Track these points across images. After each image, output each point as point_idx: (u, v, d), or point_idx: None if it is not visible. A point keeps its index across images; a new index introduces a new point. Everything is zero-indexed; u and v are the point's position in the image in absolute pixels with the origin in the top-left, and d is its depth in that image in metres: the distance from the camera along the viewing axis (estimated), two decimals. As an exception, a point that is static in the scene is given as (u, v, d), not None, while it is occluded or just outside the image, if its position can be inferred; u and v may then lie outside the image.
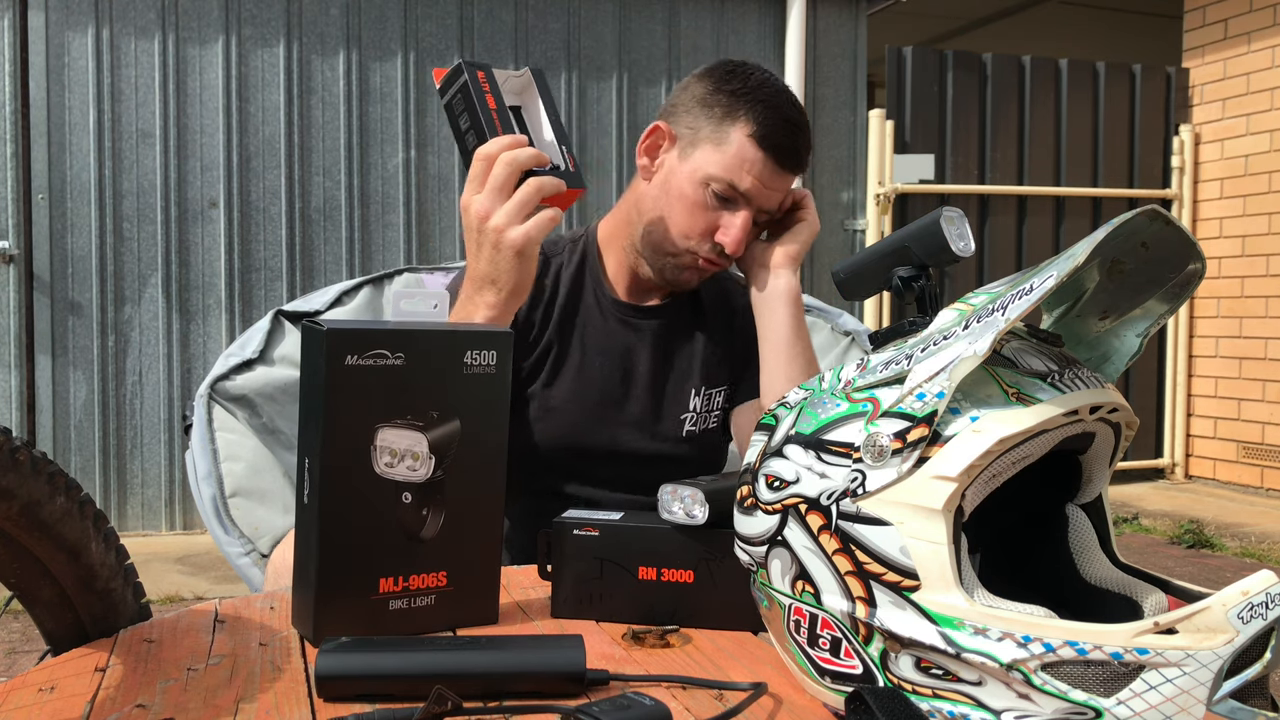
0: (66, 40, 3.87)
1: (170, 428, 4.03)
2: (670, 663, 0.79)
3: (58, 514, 0.78)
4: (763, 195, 1.22)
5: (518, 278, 1.05)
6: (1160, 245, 0.67)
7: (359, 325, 0.81)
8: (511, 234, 1.03)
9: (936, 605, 0.61)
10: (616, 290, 1.35)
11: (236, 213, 4.06)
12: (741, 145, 1.20)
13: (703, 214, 1.23)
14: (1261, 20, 4.96)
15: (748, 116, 1.20)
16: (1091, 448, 0.70)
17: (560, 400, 1.30)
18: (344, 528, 0.80)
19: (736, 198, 1.22)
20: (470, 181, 1.06)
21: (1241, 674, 0.57)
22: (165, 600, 3.20)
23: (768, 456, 0.72)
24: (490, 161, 1.04)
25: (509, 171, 1.04)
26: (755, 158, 1.20)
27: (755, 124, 1.20)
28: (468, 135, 1.09)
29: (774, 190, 1.23)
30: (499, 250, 1.04)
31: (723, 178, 1.21)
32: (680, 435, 1.33)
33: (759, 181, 1.21)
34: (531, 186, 1.04)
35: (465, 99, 1.09)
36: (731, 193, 1.21)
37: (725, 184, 1.21)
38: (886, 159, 4.78)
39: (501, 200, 1.04)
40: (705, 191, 1.22)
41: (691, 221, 1.23)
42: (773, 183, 1.22)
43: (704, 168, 1.22)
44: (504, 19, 4.37)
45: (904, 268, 0.84)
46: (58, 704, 0.71)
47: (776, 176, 1.22)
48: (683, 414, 1.33)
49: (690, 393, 1.34)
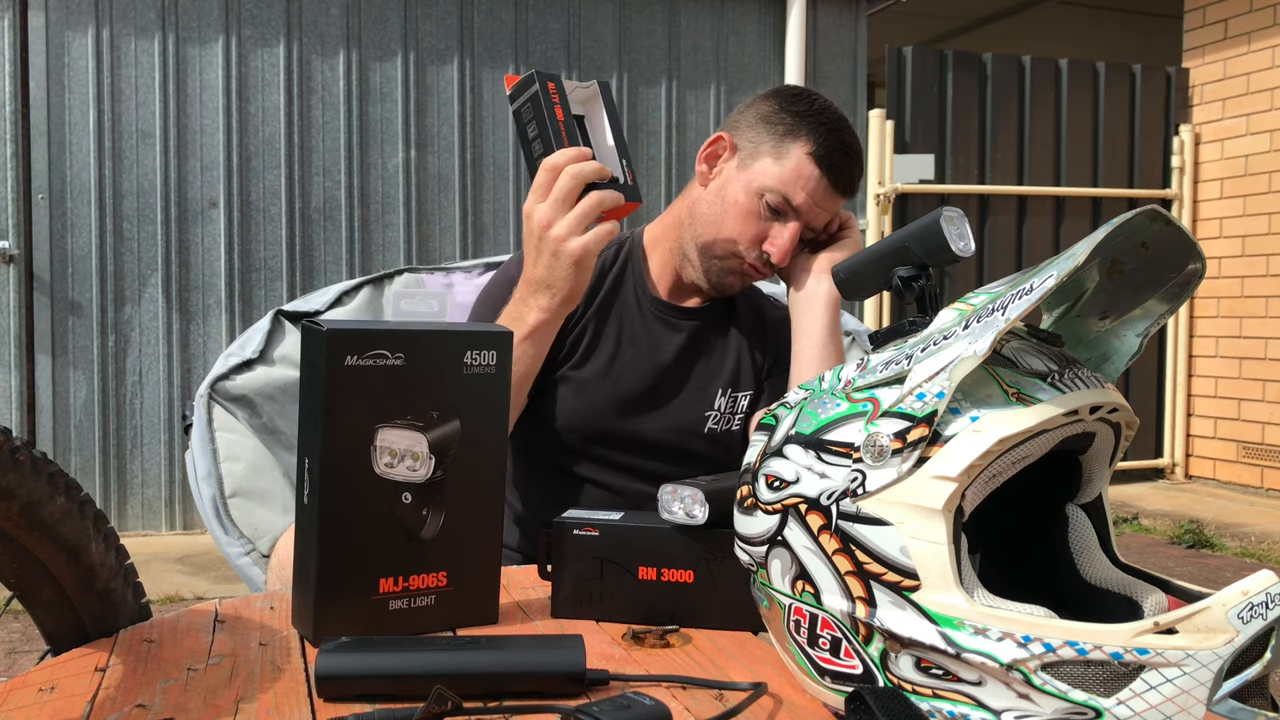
0: (66, 40, 3.87)
1: (170, 428, 4.03)
2: (670, 663, 0.79)
3: (58, 514, 0.78)
4: (813, 212, 1.27)
5: (572, 285, 1.12)
6: (1160, 245, 0.67)
7: (359, 325, 0.81)
8: (571, 244, 1.10)
9: (936, 605, 0.61)
10: (658, 290, 1.39)
11: (236, 213, 4.05)
12: (800, 162, 1.26)
13: (754, 222, 1.28)
14: (1261, 20, 4.96)
15: (809, 136, 1.26)
16: (1091, 448, 0.70)
17: (589, 383, 1.33)
18: (344, 528, 0.80)
19: (788, 211, 1.27)
20: (535, 190, 1.12)
21: (1241, 674, 0.57)
22: (165, 600, 3.20)
23: (768, 456, 0.72)
24: (556, 172, 1.10)
25: (573, 184, 1.10)
26: (811, 175, 1.26)
27: (815, 144, 1.26)
28: (534, 143, 1.14)
29: (824, 209, 1.28)
30: (558, 258, 1.11)
31: (778, 190, 1.26)
32: (702, 431, 1.35)
33: (811, 198, 1.26)
34: (593, 200, 1.10)
35: (535, 108, 1.12)
36: (784, 205, 1.26)
37: (780, 196, 1.26)
38: (886, 159, 4.78)
39: (564, 211, 1.10)
40: (759, 202, 1.27)
41: (743, 228, 1.28)
42: (824, 201, 1.27)
43: (761, 179, 1.27)
44: (504, 19, 4.37)
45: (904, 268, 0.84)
46: (58, 704, 0.71)
47: (828, 196, 1.27)
48: (707, 410, 1.36)
49: (716, 392, 1.37)
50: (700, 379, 1.37)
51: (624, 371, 1.34)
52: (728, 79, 4.68)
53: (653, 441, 1.34)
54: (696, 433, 1.36)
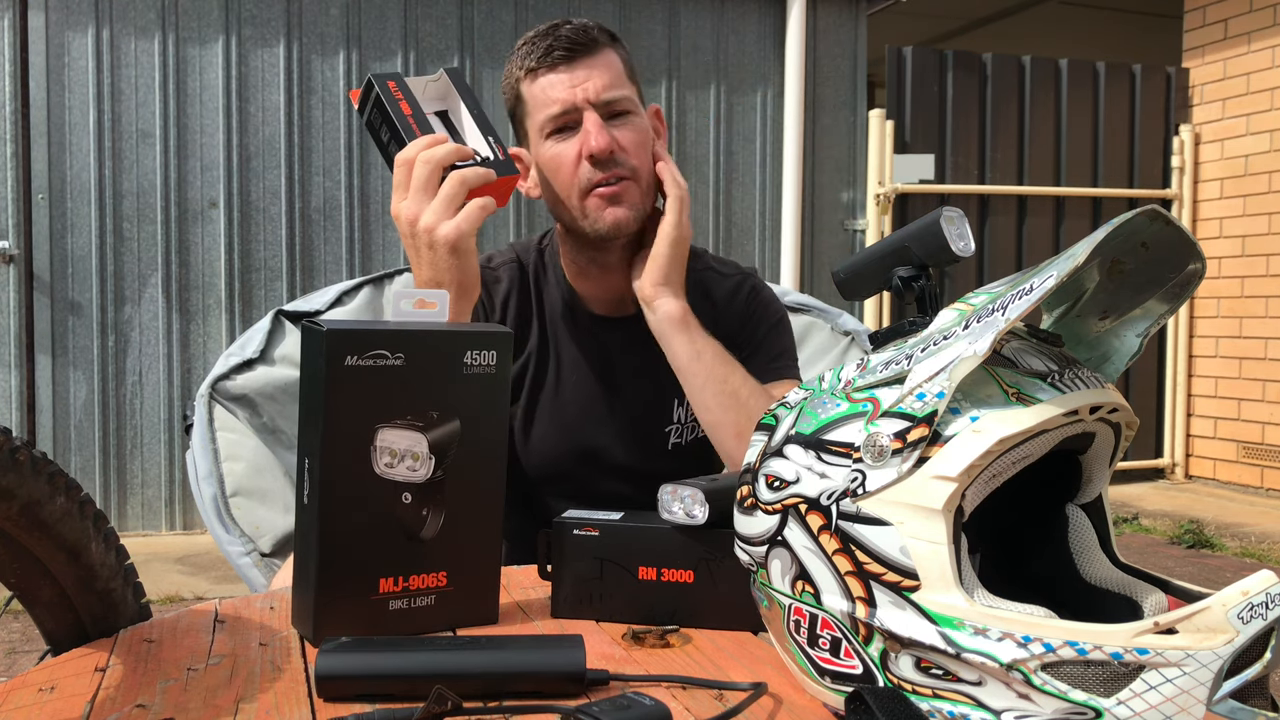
0: (66, 40, 3.87)
1: (170, 428, 4.03)
2: (670, 663, 0.79)
3: (58, 514, 0.78)
4: (574, 96, 1.20)
5: (459, 275, 1.04)
6: (1160, 245, 0.67)
7: (359, 325, 0.81)
8: (443, 230, 1.03)
9: (936, 605, 0.61)
10: (588, 303, 1.32)
11: (236, 213, 4.05)
12: (530, 90, 1.22)
13: (564, 157, 1.21)
14: (1261, 20, 4.95)
15: (519, 70, 1.23)
16: (1091, 448, 0.70)
17: (540, 418, 1.28)
18: (344, 528, 0.80)
19: (566, 123, 1.21)
20: (395, 189, 1.06)
21: (1241, 674, 0.56)
22: (165, 600, 3.20)
23: (768, 456, 0.72)
24: (410, 165, 1.04)
25: (429, 170, 1.03)
26: (542, 84, 1.21)
27: (522, 65, 1.22)
28: (390, 146, 1.10)
29: (580, 84, 1.20)
30: (434, 250, 1.03)
31: (543, 120, 1.21)
32: (666, 448, 1.31)
33: (560, 92, 1.20)
34: (455, 180, 1.03)
35: (380, 111, 1.09)
36: (557, 121, 1.21)
37: (547, 119, 1.21)
38: (886, 159, 4.78)
39: (427, 200, 1.04)
40: (551, 142, 1.22)
41: (565, 170, 1.22)
42: (572, 81, 1.20)
43: (537, 134, 1.23)
44: (504, 19, 4.37)
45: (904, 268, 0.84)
46: (58, 704, 0.71)
47: (570, 74, 1.20)
48: (666, 425, 1.31)
49: (674, 403, 1.31)
50: (653, 392, 1.31)
51: (571, 402, 1.29)
52: (728, 79, 4.68)
53: (617, 467, 1.29)
54: (660, 451, 1.31)
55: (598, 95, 1.20)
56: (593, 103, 1.20)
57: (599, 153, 1.18)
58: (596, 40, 1.22)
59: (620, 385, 1.31)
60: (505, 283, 1.32)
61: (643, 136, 1.24)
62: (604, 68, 1.22)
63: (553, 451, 1.29)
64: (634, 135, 1.22)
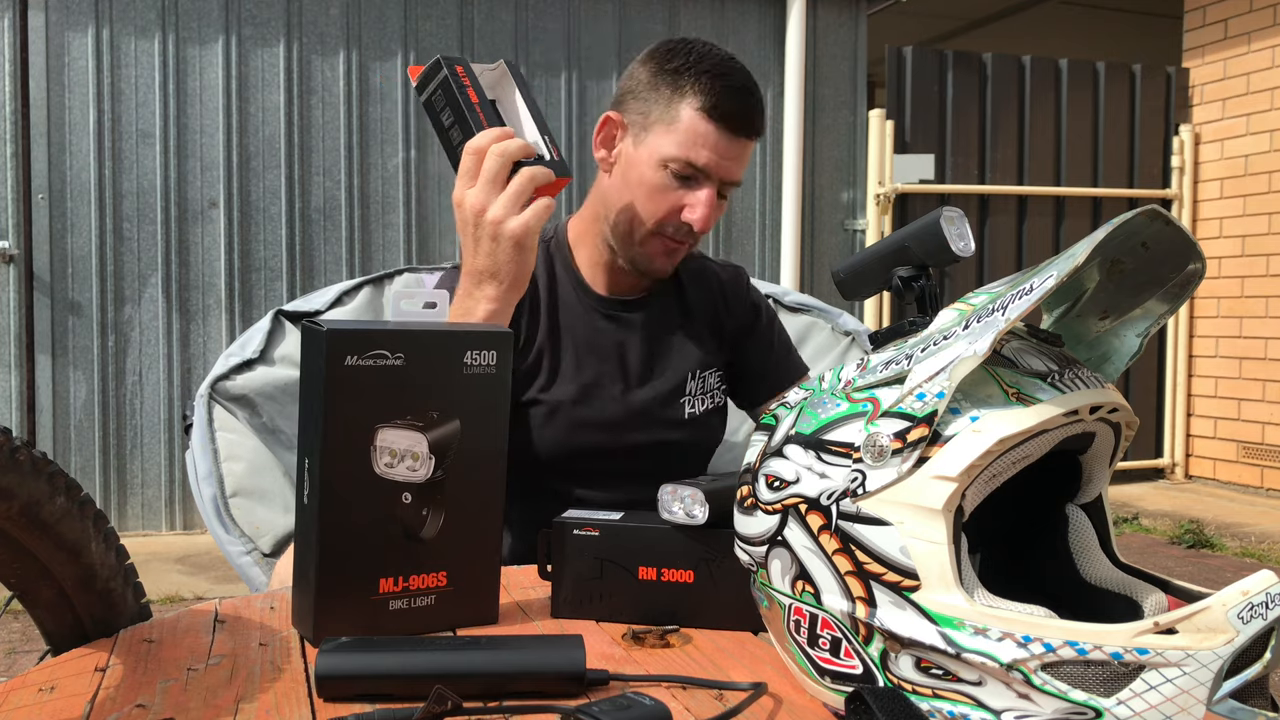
0: (66, 40, 3.87)
1: (170, 428, 4.03)
2: (670, 663, 0.79)
3: (58, 514, 0.78)
4: (721, 167, 1.22)
5: (517, 269, 1.06)
6: (1160, 245, 0.67)
7: (359, 325, 0.81)
8: (510, 225, 1.04)
9: (936, 605, 0.61)
10: (596, 287, 1.34)
11: (236, 213, 4.05)
12: (692, 121, 1.20)
13: (665, 196, 1.23)
14: (1261, 20, 4.95)
15: (694, 91, 1.20)
16: (1091, 448, 0.70)
17: (562, 404, 1.29)
18: (344, 528, 0.80)
19: (696, 175, 1.22)
20: (461, 176, 1.06)
21: (1241, 674, 0.56)
22: (165, 600, 3.20)
23: (768, 456, 0.72)
24: (481, 155, 1.05)
25: (501, 163, 1.04)
26: (708, 131, 1.20)
27: (702, 97, 1.20)
28: (452, 130, 1.09)
29: (732, 161, 1.22)
30: (498, 242, 1.05)
31: (679, 156, 1.21)
32: (681, 418, 1.33)
33: (715, 154, 1.21)
34: (524, 176, 1.04)
35: (447, 94, 1.08)
36: (690, 170, 1.21)
37: (683, 162, 1.21)
38: (886, 159, 4.78)
39: (496, 192, 1.04)
40: (665, 174, 1.22)
41: (655, 205, 1.23)
42: (729, 153, 1.22)
43: (659, 150, 1.22)
44: (504, 19, 4.37)
45: (904, 268, 0.84)
46: (58, 704, 0.71)
47: (733, 145, 1.22)
48: (680, 398, 1.34)
49: (686, 376, 1.35)
50: (667, 369, 1.34)
51: (590, 383, 1.30)
52: (728, 79, 4.68)
53: (636, 446, 1.31)
54: (676, 421, 1.33)
55: (732, 178, 1.23)
56: (726, 181, 1.23)
57: (699, 231, 1.23)
58: (761, 132, 1.25)
59: (636, 365, 1.33)
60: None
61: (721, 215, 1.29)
62: (749, 155, 1.26)
63: (571, 434, 1.30)
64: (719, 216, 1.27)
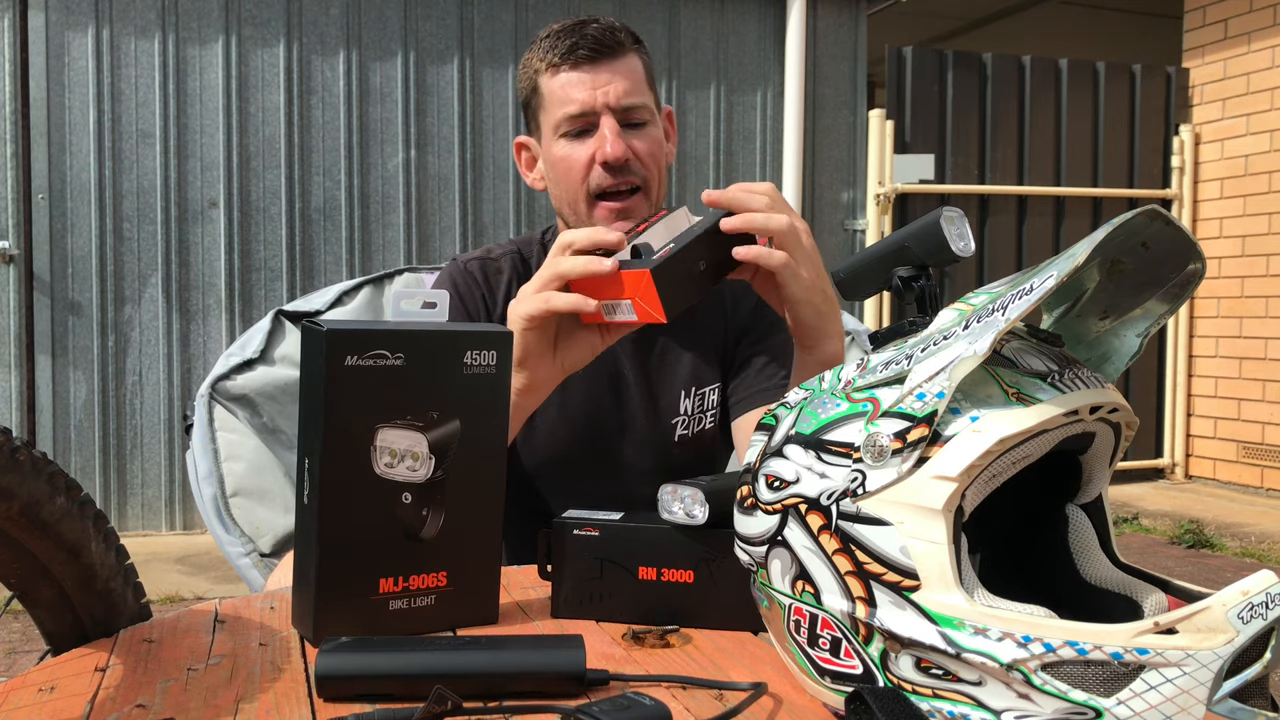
0: (66, 40, 3.87)
1: (170, 428, 4.03)
2: (670, 663, 0.79)
3: (58, 514, 0.78)
4: (595, 98, 1.19)
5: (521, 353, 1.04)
6: (1160, 245, 0.67)
7: (359, 325, 0.81)
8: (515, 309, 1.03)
9: (936, 605, 0.61)
10: None
11: (236, 213, 4.06)
12: (549, 84, 1.21)
13: (574, 158, 1.21)
14: (1261, 20, 4.95)
15: (540, 62, 1.22)
16: (1091, 448, 0.70)
17: (547, 417, 1.27)
18: (344, 528, 0.80)
19: (585, 124, 1.20)
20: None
21: (1241, 674, 0.56)
22: (165, 600, 3.20)
23: (768, 456, 0.72)
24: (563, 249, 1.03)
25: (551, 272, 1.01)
26: (564, 79, 1.20)
27: (545, 59, 1.21)
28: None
29: (602, 86, 1.20)
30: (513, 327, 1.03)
31: (559, 119, 1.20)
32: (673, 440, 1.30)
33: (580, 91, 1.19)
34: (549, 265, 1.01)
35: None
36: (576, 124, 1.20)
37: (563, 120, 1.20)
38: (886, 159, 4.78)
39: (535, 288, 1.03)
40: (563, 142, 1.22)
41: (572, 171, 1.22)
42: (594, 82, 1.20)
43: (550, 129, 1.23)
44: (504, 19, 4.37)
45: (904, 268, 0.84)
46: (58, 704, 0.71)
47: (592, 73, 1.20)
48: (673, 418, 1.31)
49: (680, 395, 1.31)
50: (659, 385, 1.30)
51: (578, 396, 1.28)
52: (728, 79, 4.68)
53: (624, 464, 1.29)
54: (668, 443, 1.30)
55: (618, 101, 1.20)
56: (612, 108, 1.20)
57: (614, 160, 1.19)
58: (622, 43, 1.22)
59: (628, 379, 1.30)
60: (507, 273, 1.32)
61: (656, 146, 1.24)
62: (626, 72, 1.21)
63: (559, 445, 1.28)
64: (649, 145, 1.22)
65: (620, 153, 1.19)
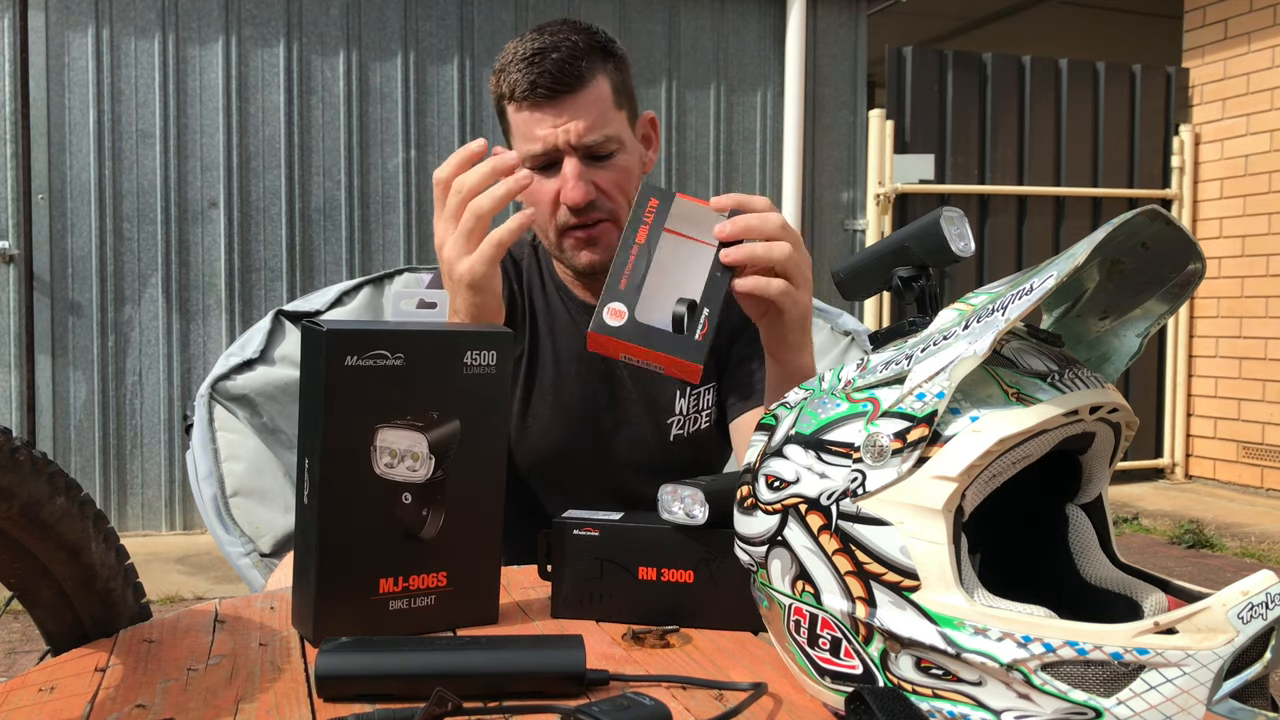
0: (66, 40, 3.87)
1: (170, 428, 4.03)
2: (670, 663, 0.79)
3: (58, 514, 0.78)
4: (555, 137, 1.16)
5: (476, 311, 1.01)
6: (1160, 245, 0.67)
7: (359, 325, 0.81)
8: (459, 268, 0.98)
9: (936, 605, 0.61)
10: (583, 294, 1.31)
11: (236, 213, 4.06)
12: (514, 118, 1.18)
13: (542, 193, 1.19)
14: (1261, 20, 4.95)
15: (506, 91, 1.17)
16: (1091, 448, 0.70)
17: (541, 415, 1.27)
18: (344, 528, 0.80)
19: (545, 161, 1.18)
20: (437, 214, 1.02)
21: (1241, 674, 0.57)
22: (165, 600, 3.20)
23: (768, 456, 0.72)
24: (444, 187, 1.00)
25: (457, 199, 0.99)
26: (526, 117, 1.16)
27: (509, 91, 1.17)
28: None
29: (560, 125, 1.15)
30: (455, 285, 0.99)
31: (524, 155, 1.17)
32: (669, 439, 1.30)
33: (541, 130, 1.16)
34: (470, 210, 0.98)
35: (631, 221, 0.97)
36: (538, 160, 1.17)
37: (527, 158, 1.17)
38: (886, 159, 4.78)
39: (453, 229, 0.99)
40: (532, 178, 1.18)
41: (541, 205, 1.20)
42: (555, 121, 1.15)
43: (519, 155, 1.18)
44: (504, 19, 4.37)
45: (904, 268, 0.84)
46: (58, 704, 0.71)
47: (552, 112, 1.15)
48: (669, 418, 1.30)
49: (675, 394, 1.30)
50: (654, 384, 1.29)
51: (572, 394, 1.27)
52: (728, 79, 4.68)
53: (619, 463, 1.28)
54: (663, 443, 1.29)
55: (579, 139, 1.16)
56: (574, 146, 1.17)
57: (574, 205, 1.17)
58: (583, 75, 1.16)
59: (623, 378, 1.30)
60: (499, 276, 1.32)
61: (624, 176, 1.21)
62: (589, 106, 1.17)
63: (554, 444, 1.28)
64: (614, 176, 1.20)
65: (579, 198, 1.16)
